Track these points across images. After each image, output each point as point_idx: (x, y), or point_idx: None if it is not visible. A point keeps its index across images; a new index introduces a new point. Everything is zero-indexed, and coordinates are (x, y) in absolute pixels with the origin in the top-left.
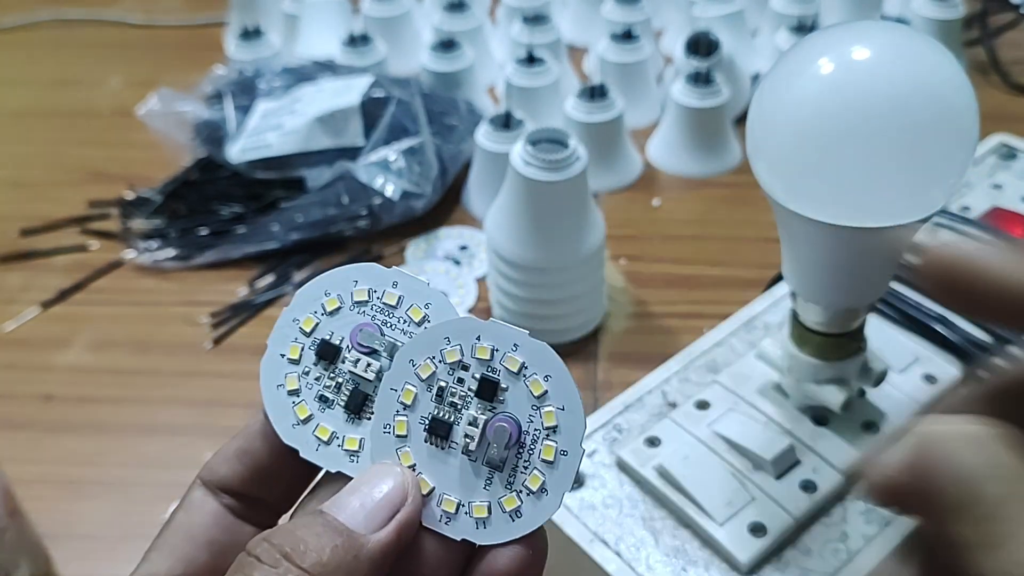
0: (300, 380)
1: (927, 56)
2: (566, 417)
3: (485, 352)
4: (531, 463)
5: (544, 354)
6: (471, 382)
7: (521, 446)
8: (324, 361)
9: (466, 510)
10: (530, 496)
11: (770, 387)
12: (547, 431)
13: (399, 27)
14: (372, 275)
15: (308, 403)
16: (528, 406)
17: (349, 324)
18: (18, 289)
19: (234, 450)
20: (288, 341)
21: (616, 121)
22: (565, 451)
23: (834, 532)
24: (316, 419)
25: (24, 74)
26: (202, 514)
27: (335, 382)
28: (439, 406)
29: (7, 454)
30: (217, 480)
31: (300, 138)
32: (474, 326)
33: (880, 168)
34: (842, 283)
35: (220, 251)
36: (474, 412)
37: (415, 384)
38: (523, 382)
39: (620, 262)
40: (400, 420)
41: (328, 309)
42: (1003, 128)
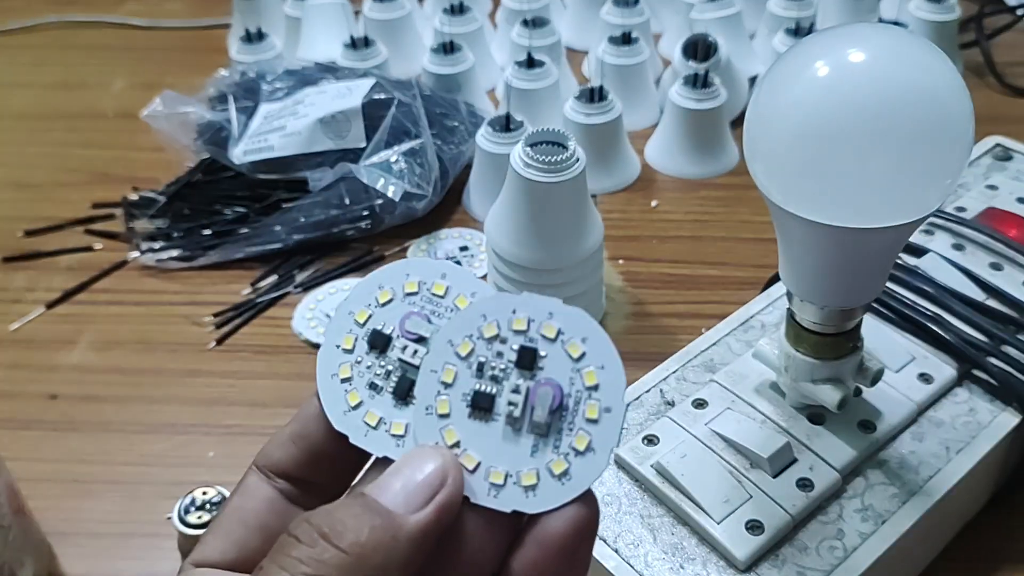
0: (353, 368)
1: (923, 58)
2: (606, 375)
3: (522, 323)
4: (575, 424)
5: (580, 318)
6: (510, 354)
7: (564, 409)
8: (375, 350)
9: (514, 479)
10: (578, 456)
11: (767, 386)
12: (589, 390)
13: (400, 30)
14: (423, 268)
15: (359, 390)
16: (568, 369)
17: (399, 314)
18: (23, 289)
19: (289, 434)
20: (343, 332)
21: (615, 123)
22: (608, 408)
23: (830, 530)
24: (366, 405)
25: (29, 76)
26: (256, 499)
27: (385, 369)
28: (480, 380)
29: (12, 453)
30: (272, 464)
31: (302, 140)
32: (509, 301)
33: (876, 169)
34: (838, 283)
35: (223, 251)
36: (516, 381)
37: (455, 363)
38: (561, 347)
39: (618, 262)
40: (442, 400)
41: (381, 301)
42: (998, 130)
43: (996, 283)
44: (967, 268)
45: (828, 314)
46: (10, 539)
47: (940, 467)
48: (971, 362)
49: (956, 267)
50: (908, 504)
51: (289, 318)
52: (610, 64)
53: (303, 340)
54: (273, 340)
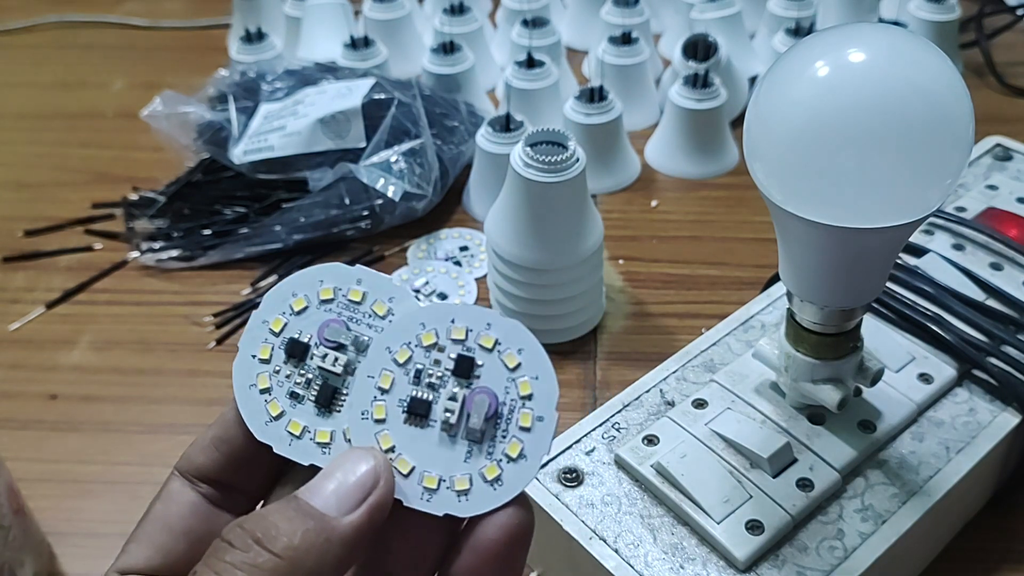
0: (271, 379)
1: (923, 58)
2: (540, 385)
3: (460, 332)
4: (509, 431)
5: (516, 330)
6: (447, 362)
7: (499, 417)
8: (293, 359)
9: (447, 484)
10: (510, 463)
11: (767, 386)
12: (523, 399)
13: (400, 30)
14: (337, 274)
15: (280, 400)
16: (504, 378)
17: (316, 322)
18: (23, 289)
19: (210, 438)
20: (258, 342)
21: (615, 123)
22: (541, 417)
23: (830, 530)
24: (288, 415)
25: (28, 76)
26: (179, 504)
27: (305, 378)
28: (417, 387)
29: (12, 452)
30: (194, 469)
31: (302, 140)
32: (447, 310)
33: (876, 170)
34: (838, 283)
35: (223, 251)
36: (453, 388)
37: (392, 369)
38: (498, 357)
39: (618, 262)
40: (378, 404)
41: (295, 309)
42: (999, 130)
43: (996, 283)
44: (967, 268)
45: (828, 314)
46: (10, 539)
47: (940, 467)
48: (971, 362)
49: (956, 267)
50: (908, 504)
51: None
52: (610, 64)
53: None
54: None
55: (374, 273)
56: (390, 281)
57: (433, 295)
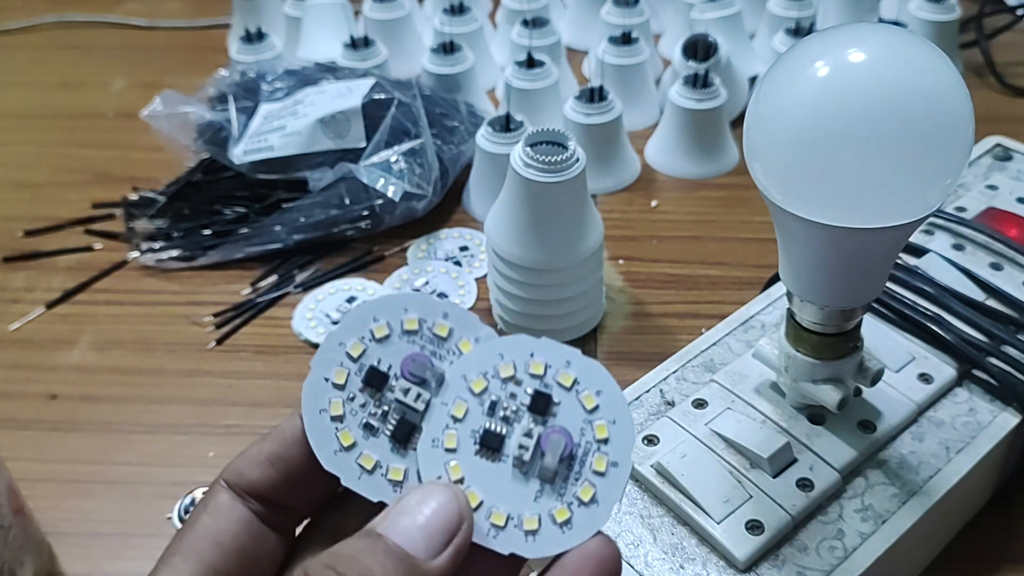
0: (345, 406)
1: (923, 58)
2: (616, 430)
3: (539, 368)
4: (582, 474)
5: (596, 370)
6: (523, 396)
7: (572, 458)
8: (371, 388)
9: (515, 522)
10: (581, 507)
11: (767, 386)
12: (599, 443)
13: (400, 30)
14: (423, 305)
15: (352, 430)
16: (580, 419)
17: (398, 352)
18: (23, 289)
19: (267, 454)
20: (334, 365)
21: (615, 123)
22: (616, 462)
23: (830, 530)
24: (360, 447)
25: (28, 76)
26: (230, 520)
27: (381, 410)
28: (491, 419)
29: (12, 452)
30: (246, 484)
31: (302, 140)
32: (527, 343)
33: (876, 170)
34: (838, 283)
35: (223, 251)
36: (527, 424)
37: (467, 398)
38: (575, 396)
39: (618, 262)
40: (450, 433)
41: (377, 336)
42: (999, 130)
43: (996, 283)
44: (967, 268)
45: (828, 314)
46: (10, 539)
47: (940, 467)
48: (971, 362)
49: (956, 267)
50: (908, 504)
51: (289, 318)
52: (610, 64)
53: (303, 340)
54: (273, 340)
55: (461, 309)
56: (477, 319)
57: (433, 295)
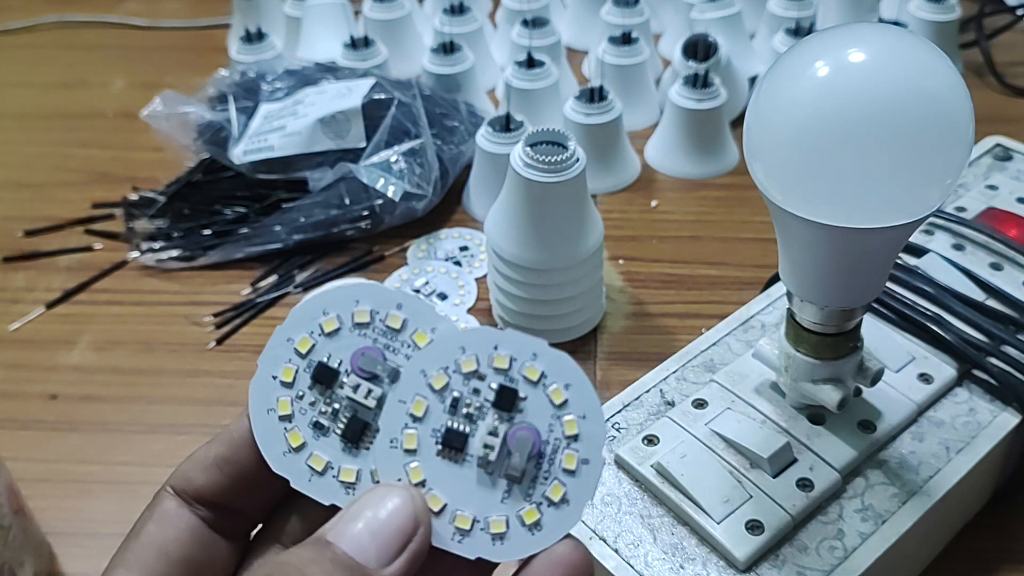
0: (293, 405)
1: (923, 58)
2: (587, 425)
3: (503, 361)
4: (551, 473)
5: (564, 362)
6: (488, 392)
7: (540, 456)
8: (320, 385)
9: (482, 526)
10: (551, 507)
11: (767, 386)
12: (568, 440)
13: (400, 30)
14: (375, 295)
15: (301, 430)
16: (548, 415)
17: (349, 347)
18: (23, 289)
19: (214, 457)
20: (281, 362)
21: (615, 123)
22: (587, 459)
23: (830, 530)
24: (310, 447)
25: (28, 76)
26: (177, 528)
27: (331, 408)
28: (453, 417)
29: (12, 452)
30: (193, 490)
31: (302, 140)
32: (491, 335)
33: (876, 170)
34: (838, 283)
35: (223, 251)
36: (492, 422)
37: (427, 395)
38: (543, 391)
39: (618, 262)
40: (409, 433)
41: (326, 330)
42: (999, 130)
43: (996, 283)
44: (967, 268)
45: (828, 314)
46: (10, 539)
47: (940, 467)
48: (971, 362)
49: (956, 267)
50: (908, 504)
51: None
52: (610, 64)
53: None
54: None
55: (417, 299)
56: (433, 310)
57: (433, 295)
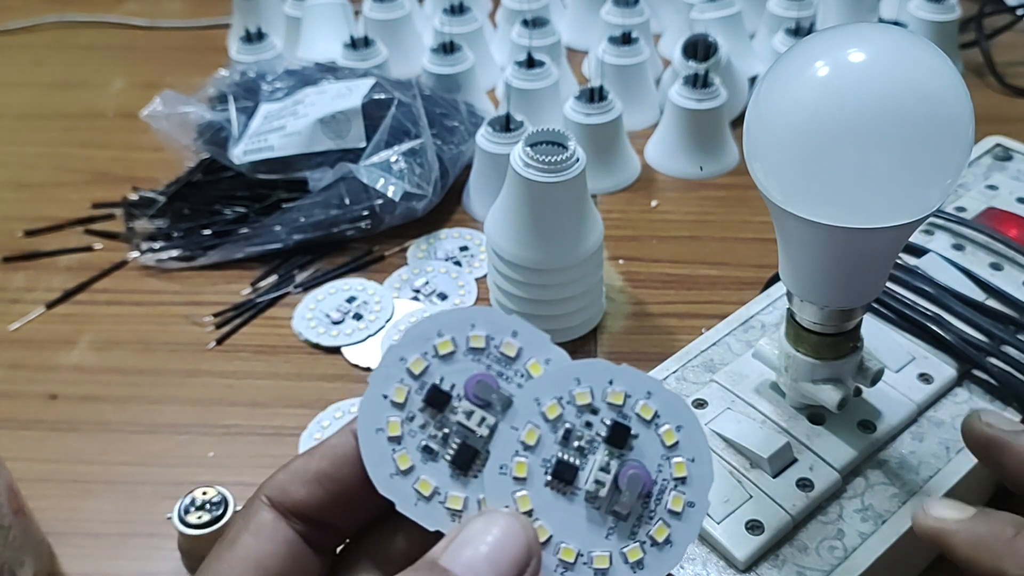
0: (403, 426)
1: (923, 58)
2: (696, 469)
3: (618, 397)
4: (657, 513)
5: (677, 403)
6: (600, 427)
7: (648, 496)
8: (432, 409)
9: (585, 560)
10: (654, 547)
11: (767, 386)
12: (676, 481)
13: (400, 30)
14: (491, 320)
15: (410, 452)
16: (658, 456)
17: (463, 371)
18: (23, 289)
19: (315, 472)
20: (393, 382)
21: (615, 123)
22: (692, 503)
23: (830, 530)
24: (418, 471)
25: (28, 76)
26: (275, 542)
27: (442, 433)
28: (565, 449)
29: (12, 452)
30: (291, 503)
31: (302, 140)
32: (606, 369)
33: (876, 170)
34: (838, 283)
35: (223, 251)
36: (603, 457)
37: (540, 424)
38: (655, 431)
39: (618, 262)
40: (520, 461)
41: (441, 352)
42: (999, 130)
43: (996, 283)
44: (967, 268)
45: (828, 314)
46: (10, 539)
47: (940, 467)
48: (971, 362)
49: (956, 267)
50: (908, 504)
51: (289, 318)
52: (610, 64)
53: (303, 340)
54: (273, 340)
55: (532, 328)
56: (548, 339)
57: (433, 295)
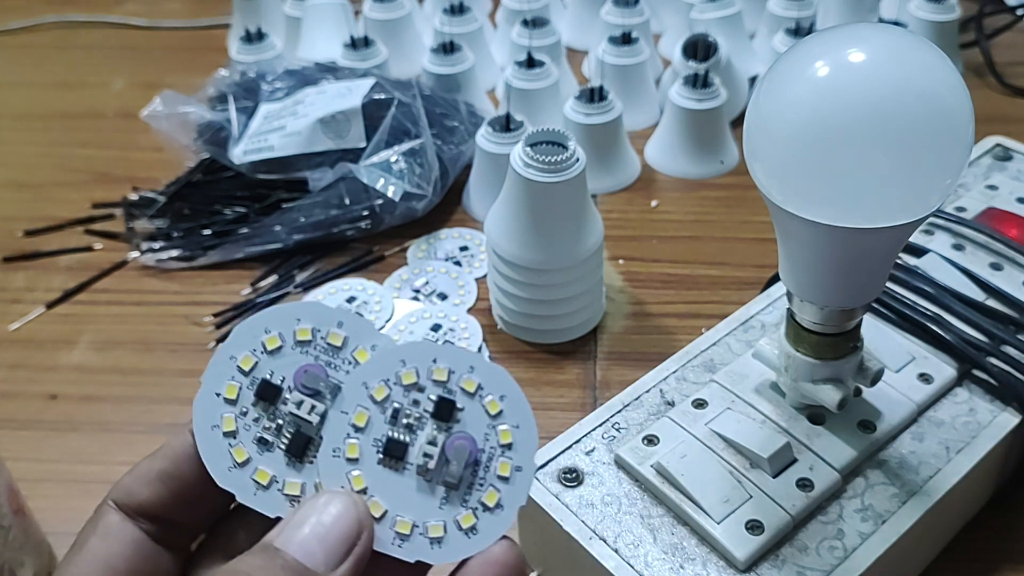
0: (237, 421)
1: (923, 58)
2: (520, 435)
3: (442, 374)
4: (487, 480)
5: (499, 375)
6: (427, 403)
7: (476, 464)
8: (263, 402)
9: (421, 530)
10: (486, 512)
11: (767, 386)
12: (502, 448)
13: (400, 30)
14: (316, 314)
15: (246, 445)
16: (484, 425)
17: (291, 364)
18: (23, 289)
19: (157, 472)
20: (225, 379)
21: (615, 123)
22: (520, 467)
23: (830, 530)
24: (254, 462)
25: (28, 76)
26: (121, 542)
27: (275, 424)
28: (394, 427)
29: (12, 452)
30: (136, 504)
31: (302, 140)
32: (429, 349)
33: (876, 170)
34: (838, 283)
35: (223, 251)
36: (431, 432)
37: (368, 407)
38: (479, 402)
39: (618, 262)
40: (352, 443)
41: (269, 348)
42: (999, 130)
43: (996, 283)
44: (967, 268)
45: (828, 314)
46: (10, 539)
47: (940, 467)
48: (971, 362)
49: (956, 267)
50: (908, 504)
51: None
52: (610, 64)
53: None
54: None
55: (357, 317)
56: (373, 326)
57: (433, 295)
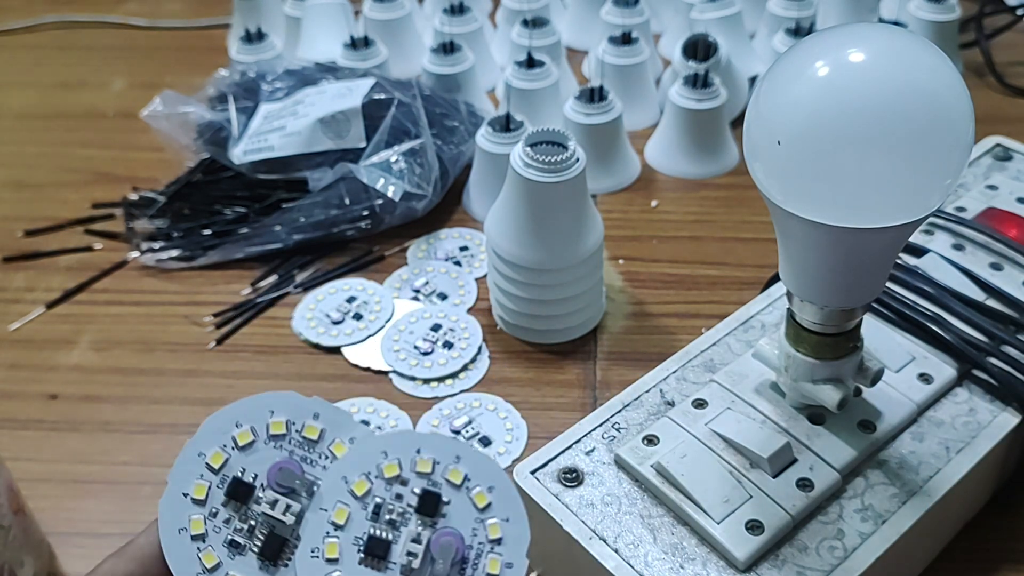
0: (207, 523)
1: (923, 58)
2: (510, 528)
3: (426, 465)
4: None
5: (487, 464)
6: (411, 497)
7: (464, 562)
8: (235, 502)
9: None
10: None
11: (767, 386)
12: (492, 543)
13: (400, 30)
14: (290, 405)
15: (215, 549)
16: (471, 519)
17: (265, 460)
18: (23, 289)
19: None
20: (193, 478)
21: (615, 123)
22: (510, 563)
23: (830, 530)
24: (225, 567)
25: (28, 76)
26: None
27: (247, 525)
28: (375, 524)
29: (12, 452)
30: None
31: (302, 140)
32: (413, 439)
33: (876, 170)
34: (838, 283)
35: (223, 251)
36: (415, 528)
37: (348, 502)
38: (466, 494)
39: (618, 262)
40: (331, 542)
41: (240, 443)
42: (998, 130)
43: (996, 283)
44: (967, 268)
45: (828, 314)
46: (10, 539)
47: (940, 467)
48: (971, 362)
49: (956, 267)
50: (908, 504)
51: (289, 318)
52: (610, 64)
53: (303, 340)
54: (273, 340)
55: (333, 407)
56: (351, 417)
57: (433, 295)
